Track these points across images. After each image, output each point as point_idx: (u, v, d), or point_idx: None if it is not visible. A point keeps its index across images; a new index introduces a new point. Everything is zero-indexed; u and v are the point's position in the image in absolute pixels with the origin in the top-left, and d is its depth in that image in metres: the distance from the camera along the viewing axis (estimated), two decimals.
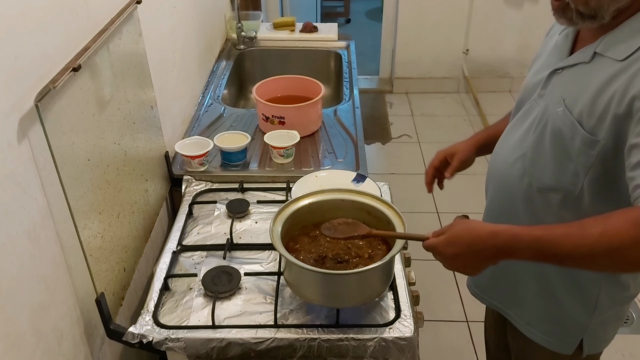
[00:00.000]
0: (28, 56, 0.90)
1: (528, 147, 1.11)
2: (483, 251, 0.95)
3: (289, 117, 1.78)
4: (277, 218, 1.18)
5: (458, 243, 0.97)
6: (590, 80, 0.99)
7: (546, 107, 1.08)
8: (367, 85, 4.32)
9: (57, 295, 1.01)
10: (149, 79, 1.46)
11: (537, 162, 1.09)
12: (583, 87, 1.00)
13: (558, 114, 1.03)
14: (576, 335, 1.18)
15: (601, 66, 0.98)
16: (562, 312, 1.17)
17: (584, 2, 0.96)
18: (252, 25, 2.55)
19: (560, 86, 1.06)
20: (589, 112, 0.97)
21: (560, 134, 1.03)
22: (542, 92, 1.11)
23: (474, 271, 1.00)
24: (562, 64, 1.07)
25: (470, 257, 0.97)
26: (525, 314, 1.24)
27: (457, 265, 1.00)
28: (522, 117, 1.16)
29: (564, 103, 1.02)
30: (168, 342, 1.12)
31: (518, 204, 1.16)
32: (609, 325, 1.19)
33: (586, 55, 1.01)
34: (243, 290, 1.25)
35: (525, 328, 1.25)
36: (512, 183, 1.16)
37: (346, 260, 1.18)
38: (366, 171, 1.62)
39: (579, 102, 0.99)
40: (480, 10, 3.91)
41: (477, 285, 1.37)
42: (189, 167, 1.63)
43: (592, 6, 0.95)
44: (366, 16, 5.92)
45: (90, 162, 1.09)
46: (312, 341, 1.13)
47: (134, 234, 1.33)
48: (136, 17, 1.34)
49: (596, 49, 0.99)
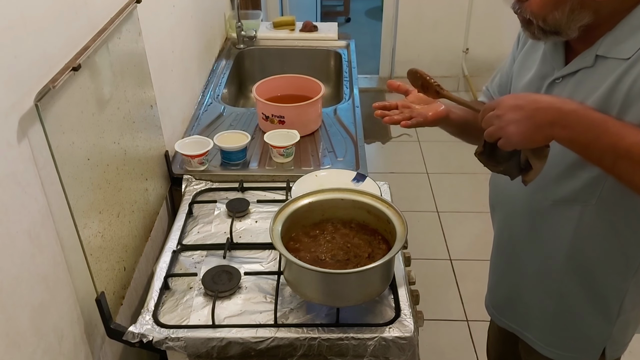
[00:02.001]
0: (28, 56, 0.90)
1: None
2: (545, 112, 0.89)
3: (288, 117, 1.78)
4: (277, 217, 1.18)
5: (523, 97, 0.92)
6: (597, 83, 0.97)
7: None
8: (367, 85, 4.32)
9: (58, 294, 1.01)
10: (149, 78, 1.46)
11: (549, 175, 1.05)
12: (591, 90, 0.98)
13: None
14: (599, 345, 1.16)
15: (606, 68, 0.96)
16: (582, 326, 1.15)
17: (542, 19, 0.96)
18: (252, 25, 2.55)
19: (565, 95, 1.02)
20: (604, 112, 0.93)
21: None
22: None
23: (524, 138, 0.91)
24: (562, 72, 1.04)
25: (528, 118, 0.89)
26: (544, 335, 1.22)
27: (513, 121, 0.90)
28: None
29: None
30: (168, 341, 1.12)
31: (533, 223, 1.13)
32: (629, 328, 1.17)
33: (588, 60, 0.99)
34: (243, 290, 1.25)
35: (546, 350, 1.22)
36: (523, 201, 1.13)
37: (346, 259, 1.18)
38: (366, 170, 1.63)
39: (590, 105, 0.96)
40: (479, 9, 3.91)
41: (495, 306, 1.35)
42: (188, 167, 1.63)
43: (549, 23, 0.96)
44: (366, 15, 5.92)
45: (90, 161, 1.09)
46: (312, 340, 1.13)
47: (134, 233, 1.33)
48: (136, 16, 1.34)
49: (597, 52, 0.97)
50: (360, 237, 1.23)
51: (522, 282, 1.13)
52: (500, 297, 1.32)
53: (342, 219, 1.27)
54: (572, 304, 1.15)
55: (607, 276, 1.08)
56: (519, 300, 1.25)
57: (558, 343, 1.20)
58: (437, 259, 2.61)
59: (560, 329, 1.19)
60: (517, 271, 1.23)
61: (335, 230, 1.25)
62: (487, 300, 1.39)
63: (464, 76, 4.15)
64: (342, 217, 1.27)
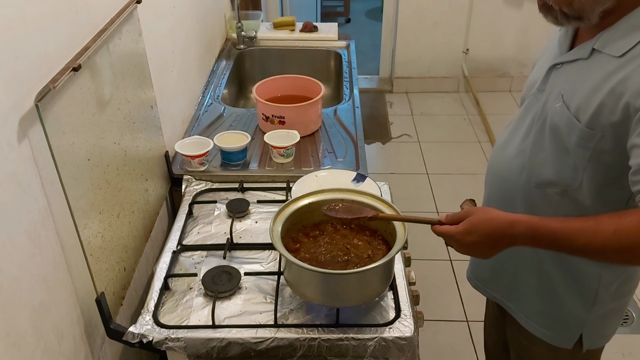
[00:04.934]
0: (28, 56, 0.90)
1: (529, 144, 1.12)
2: (501, 240, 0.99)
3: (288, 117, 1.78)
4: (277, 218, 1.18)
5: (477, 232, 0.99)
6: (588, 76, 1.00)
7: (545, 103, 1.09)
8: (367, 85, 4.32)
9: (58, 294, 1.01)
10: (149, 78, 1.46)
11: (536, 157, 1.10)
12: (581, 82, 1.01)
13: (556, 110, 1.04)
14: (575, 330, 1.18)
15: (599, 62, 0.98)
16: (561, 307, 1.18)
17: (567, 3, 0.97)
18: (252, 25, 2.55)
19: (559, 81, 1.07)
20: (585, 106, 0.98)
21: (558, 129, 1.04)
22: (542, 87, 1.11)
23: (487, 256, 1.03)
24: (562, 59, 1.07)
25: (486, 245, 1.00)
26: (525, 307, 1.25)
27: (471, 252, 1.03)
28: (523, 113, 1.17)
29: (562, 99, 1.03)
30: (168, 341, 1.12)
31: (516, 200, 1.16)
32: (609, 320, 1.19)
33: (585, 51, 1.02)
34: (243, 290, 1.25)
35: (525, 321, 1.25)
36: (510, 179, 1.17)
37: (346, 260, 1.18)
38: (366, 171, 1.63)
39: (576, 97, 1.00)
40: (480, 9, 3.91)
41: (478, 278, 1.38)
42: (189, 167, 1.63)
43: (575, 7, 0.96)
44: (366, 16, 5.92)
45: (90, 161, 1.09)
46: (312, 341, 1.13)
47: (134, 234, 1.33)
48: (136, 16, 1.34)
49: (594, 45, 1.00)
50: (360, 238, 1.23)
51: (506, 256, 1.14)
52: (484, 270, 1.34)
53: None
54: (552, 282, 1.17)
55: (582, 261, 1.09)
56: (503, 272, 1.27)
57: (538, 318, 1.22)
58: (437, 259, 2.61)
59: (541, 304, 1.21)
60: None
61: (335, 231, 1.25)
62: (469, 272, 1.42)
63: (464, 77, 4.15)
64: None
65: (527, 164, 1.12)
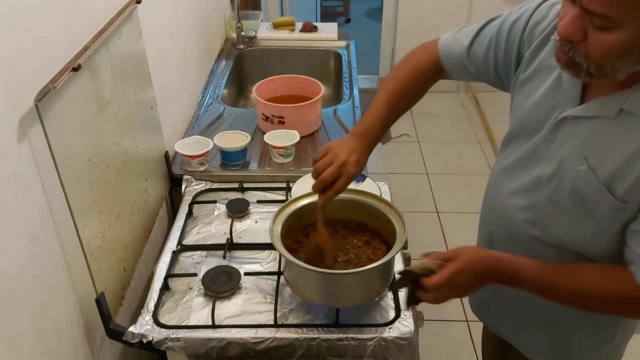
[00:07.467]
0: (28, 56, 0.90)
1: (541, 200, 1.01)
2: (486, 277, 0.99)
3: (288, 117, 1.78)
4: (277, 218, 1.18)
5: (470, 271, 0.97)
6: (620, 140, 0.88)
7: (562, 160, 0.96)
8: (366, 85, 4.31)
9: (57, 294, 1.01)
10: (149, 78, 1.46)
11: (550, 216, 1.00)
12: (610, 146, 0.89)
13: (580, 174, 0.93)
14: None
15: (632, 125, 0.87)
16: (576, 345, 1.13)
17: (597, 66, 0.84)
18: (252, 25, 2.55)
19: (577, 139, 0.94)
20: (621, 176, 0.88)
21: (583, 197, 0.93)
22: (552, 137, 0.98)
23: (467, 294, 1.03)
24: (577, 112, 0.94)
25: (473, 284, 0.99)
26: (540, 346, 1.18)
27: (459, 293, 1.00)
28: (528, 158, 1.04)
29: (587, 162, 0.91)
30: (168, 341, 1.12)
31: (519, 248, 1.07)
32: (622, 344, 1.16)
33: (610, 110, 0.89)
34: (243, 290, 1.25)
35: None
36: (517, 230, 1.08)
37: (346, 260, 1.18)
38: (366, 171, 1.62)
39: (606, 163, 0.89)
40: (480, 9, 3.91)
41: (487, 314, 1.31)
42: (188, 167, 1.63)
43: (605, 71, 0.85)
44: (366, 16, 5.92)
45: (90, 162, 1.10)
46: (312, 341, 1.13)
47: (134, 234, 1.33)
48: (136, 17, 1.34)
49: (623, 105, 0.88)
50: (359, 238, 1.23)
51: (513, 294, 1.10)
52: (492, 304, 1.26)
53: (342, 220, 1.27)
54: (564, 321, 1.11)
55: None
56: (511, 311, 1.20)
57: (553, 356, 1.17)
58: None
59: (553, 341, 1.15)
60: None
61: (335, 231, 1.25)
62: (475, 307, 1.36)
63: None
64: (341, 218, 1.27)
65: (540, 220, 1.02)
